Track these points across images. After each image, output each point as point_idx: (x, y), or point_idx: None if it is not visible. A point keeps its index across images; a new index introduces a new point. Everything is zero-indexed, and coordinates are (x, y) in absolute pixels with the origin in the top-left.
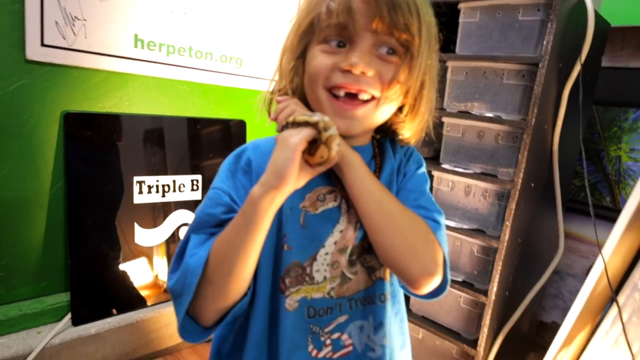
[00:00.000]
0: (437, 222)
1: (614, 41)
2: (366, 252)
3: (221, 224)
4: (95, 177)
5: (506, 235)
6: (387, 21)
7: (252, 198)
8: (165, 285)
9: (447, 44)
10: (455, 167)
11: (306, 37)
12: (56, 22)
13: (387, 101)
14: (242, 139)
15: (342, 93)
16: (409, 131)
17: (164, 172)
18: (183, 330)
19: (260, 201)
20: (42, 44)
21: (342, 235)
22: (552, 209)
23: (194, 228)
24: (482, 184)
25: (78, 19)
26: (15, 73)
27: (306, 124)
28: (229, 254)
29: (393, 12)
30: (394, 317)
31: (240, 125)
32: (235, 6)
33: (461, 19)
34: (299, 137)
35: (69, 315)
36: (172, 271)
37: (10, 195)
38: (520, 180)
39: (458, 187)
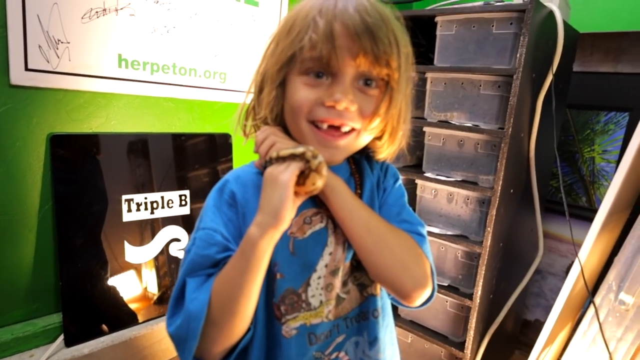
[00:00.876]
0: (421, 235)
1: (584, 47)
2: (355, 269)
3: (216, 264)
4: (84, 197)
5: (488, 241)
6: (370, 58)
7: (250, 239)
8: (155, 299)
9: (427, 54)
10: (437, 175)
11: (287, 66)
12: (39, 46)
13: (367, 132)
14: (227, 152)
15: (325, 126)
16: (386, 153)
17: (152, 189)
18: None
19: (259, 241)
20: (26, 69)
21: (332, 257)
22: (531, 212)
23: (189, 271)
24: (464, 192)
25: (61, 42)
26: None
27: (292, 156)
28: (232, 294)
29: (375, 48)
30: (385, 330)
31: (225, 138)
32: (217, 22)
33: (438, 32)
34: (289, 174)
35: (61, 337)
36: (171, 316)
37: None
38: (499, 188)
39: (441, 194)
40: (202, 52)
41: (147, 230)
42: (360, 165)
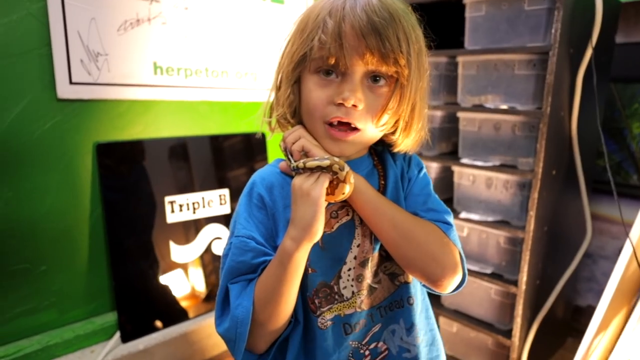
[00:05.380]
0: (447, 223)
1: (627, 17)
2: (385, 260)
3: (254, 269)
4: (130, 201)
5: (531, 225)
6: (377, 56)
7: (286, 251)
8: (202, 296)
9: (457, 38)
10: (474, 160)
11: (300, 65)
12: (81, 60)
13: (377, 128)
14: (262, 150)
15: (336, 123)
16: (404, 147)
17: (193, 190)
18: None
19: (294, 253)
20: (71, 82)
21: (360, 249)
22: (577, 194)
23: (229, 277)
24: (503, 176)
25: (100, 55)
26: (48, 112)
27: (319, 168)
28: (273, 300)
29: (382, 47)
30: (421, 315)
31: (260, 137)
32: (245, 23)
33: (467, 14)
34: (318, 190)
35: (118, 334)
36: (219, 316)
37: (55, 226)
38: (540, 170)
39: (479, 180)
40: (233, 53)
41: (190, 230)
42: (382, 156)
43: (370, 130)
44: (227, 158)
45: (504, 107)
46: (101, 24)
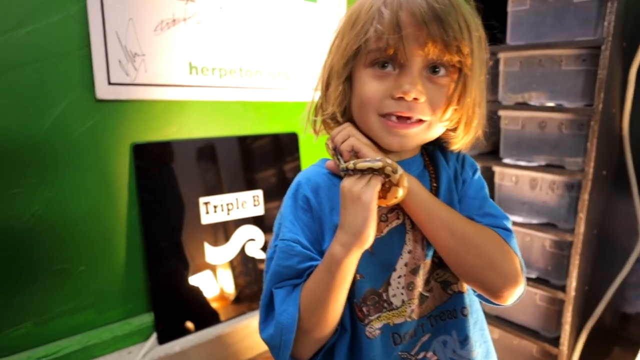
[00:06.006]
0: (507, 229)
1: None
2: (437, 266)
3: (300, 274)
4: (165, 202)
5: (581, 228)
6: (439, 45)
7: (335, 257)
8: (236, 298)
9: (495, 33)
10: (517, 160)
11: (353, 60)
12: (119, 61)
13: (441, 123)
14: (295, 150)
15: (394, 118)
16: (462, 144)
17: (227, 191)
18: None
19: (343, 260)
20: (109, 83)
21: (411, 255)
22: (627, 195)
23: (274, 282)
24: (549, 176)
25: (138, 55)
26: (87, 113)
27: (370, 170)
28: (319, 307)
29: (445, 34)
30: (474, 327)
31: (293, 137)
32: (278, 22)
33: (510, 8)
34: (370, 194)
35: (154, 335)
36: (263, 321)
37: (93, 227)
38: (591, 169)
39: (522, 181)
40: (266, 53)
41: (224, 231)
42: (434, 157)
43: (434, 125)
44: (259, 159)
45: (550, 104)
46: (138, 24)
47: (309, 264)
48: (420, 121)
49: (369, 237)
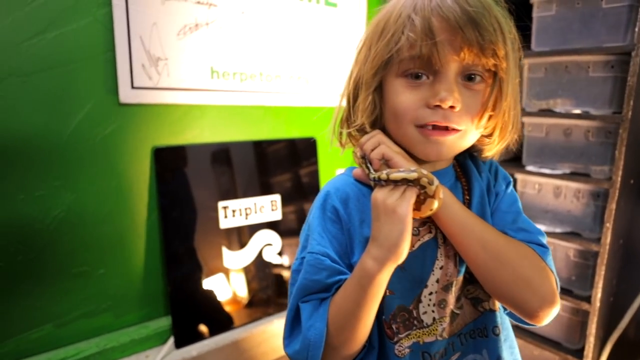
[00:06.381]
0: (542, 245)
1: None
2: (468, 282)
3: (328, 288)
4: (185, 206)
5: (607, 237)
6: (475, 50)
7: (367, 272)
8: (253, 303)
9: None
10: (540, 168)
11: (383, 70)
12: (143, 65)
13: (477, 130)
14: (313, 155)
15: (430, 127)
16: (494, 151)
17: (245, 195)
18: None
19: (377, 275)
20: (132, 87)
21: (443, 271)
22: None
23: (300, 295)
24: (574, 184)
25: (161, 59)
26: (110, 116)
27: (405, 181)
28: (349, 323)
29: (480, 38)
30: (505, 345)
31: (311, 141)
32: (299, 27)
33: (535, 14)
34: (406, 207)
35: (172, 339)
36: (288, 336)
37: (113, 230)
38: (619, 178)
39: (546, 189)
40: (286, 57)
41: (242, 235)
42: (466, 167)
43: (471, 132)
44: (277, 163)
45: (577, 111)
46: (162, 29)
47: (337, 278)
48: (456, 130)
49: (404, 251)
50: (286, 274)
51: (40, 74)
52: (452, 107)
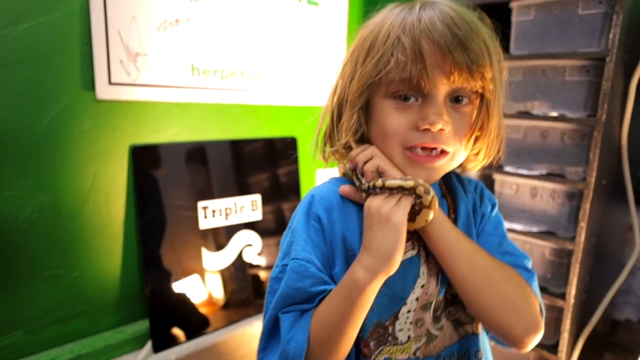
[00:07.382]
0: (528, 270)
1: None
2: (450, 304)
3: (311, 298)
4: (163, 206)
5: (582, 236)
6: (464, 73)
7: (358, 282)
8: (233, 305)
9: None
10: (518, 169)
11: (369, 90)
12: (121, 60)
13: (465, 151)
14: (293, 154)
15: (419, 150)
16: (478, 167)
17: (225, 195)
18: None
19: (367, 286)
20: (110, 83)
21: (423, 290)
22: (623, 205)
23: (281, 305)
24: (550, 185)
25: (140, 55)
26: (86, 113)
27: (400, 189)
28: (332, 336)
29: (469, 61)
30: None
31: (291, 141)
32: (280, 25)
33: (514, 18)
34: (401, 215)
35: (149, 343)
36: (263, 348)
37: (88, 231)
38: (593, 179)
39: (523, 189)
40: (268, 56)
41: (222, 236)
42: (451, 186)
43: (459, 154)
44: (257, 163)
45: (553, 114)
46: (141, 23)
47: (322, 288)
48: (444, 152)
49: (397, 262)
50: (266, 275)
51: (11, 67)
52: (441, 129)
